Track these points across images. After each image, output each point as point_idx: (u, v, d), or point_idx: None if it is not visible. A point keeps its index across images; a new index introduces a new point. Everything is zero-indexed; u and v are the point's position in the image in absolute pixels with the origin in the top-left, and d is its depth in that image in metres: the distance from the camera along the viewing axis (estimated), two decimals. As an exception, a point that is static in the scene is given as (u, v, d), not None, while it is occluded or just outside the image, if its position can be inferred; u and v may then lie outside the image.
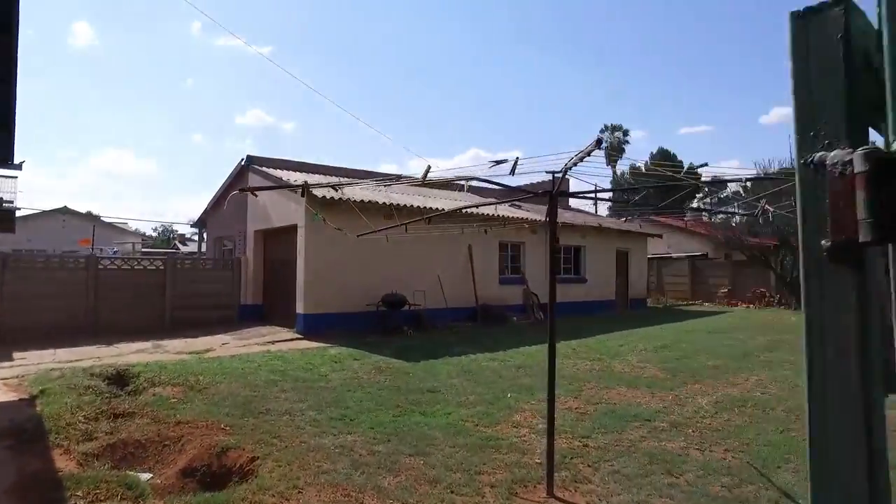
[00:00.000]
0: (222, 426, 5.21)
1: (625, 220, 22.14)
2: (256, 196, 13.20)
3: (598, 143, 2.43)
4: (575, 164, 2.86)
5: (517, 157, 2.78)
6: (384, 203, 12.24)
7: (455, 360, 9.10)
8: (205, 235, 20.20)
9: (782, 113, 70.76)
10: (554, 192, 3.42)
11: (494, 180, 3.46)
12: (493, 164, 2.81)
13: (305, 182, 3.48)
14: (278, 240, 13.99)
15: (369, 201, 11.91)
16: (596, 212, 36.37)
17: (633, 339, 11.99)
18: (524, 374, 8.15)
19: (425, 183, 3.21)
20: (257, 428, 5.20)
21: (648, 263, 23.31)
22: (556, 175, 3.39)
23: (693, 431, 5.43)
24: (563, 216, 16.10)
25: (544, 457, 4.51)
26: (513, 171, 2.82)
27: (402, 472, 4.19)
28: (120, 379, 6.77)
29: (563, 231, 17.56)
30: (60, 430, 4.78)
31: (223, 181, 16.68)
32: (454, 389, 7.03)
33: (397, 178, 3.35)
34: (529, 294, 16.46)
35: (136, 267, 13.01)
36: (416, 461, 4.45)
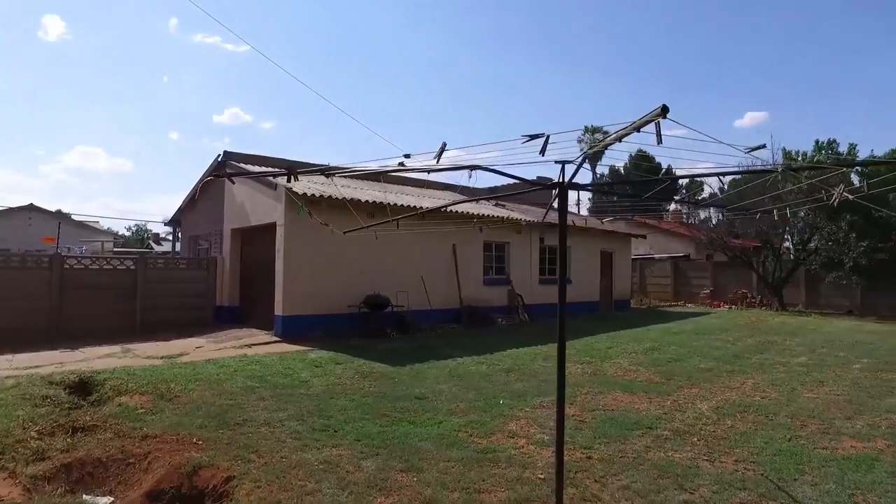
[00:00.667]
0: (194, 440, 4.76)
1: (609, 220, 22.04)
2: (234, 183, 12.68)
3: (664, 111, 2.06)
4: (619, 139, 2.50)
5: (548, 135, 2.44)
6: (367, 201, 11.84)
7: (442, 363, 8.74)
8: (179, 234, 19.49)
9: (755, 117, 72.03)
10: (564, 183, 3.08)
11: (499, 169, 3.11)
12: (526, 138, 2.46)
13: (291, 167, 3.09)
14: (256, 239, 13.47)
15: (352, 199, 11.49)
16: (578, 212, 36.41)
17: (621, 341, 11.77)
18: (515, 378, 7.83)
19: (431, 170, 2.85)
20: (233, 442, 4.77)
21: (631, 264, 23.25)
22: (565, 164, 3.05)
23: (698, 440, 5.16)
24: (550, 216, 15.85)
25: (548, 471, 4.19)
26: (543, 151, 2.47)
27: (394, 492, 3.81)
28: (83, 387, 6.23)
29: (547, 231, 17.36)
30: (8, 449, 4.27)
31: (199, 178, 16.09)
32: (443, 396, 6.67)
33: (405, 157, 2.95)
34: (514, 295, 16.19)
35: (104, 267, 12.36)
36: (409, 478, 4.07)
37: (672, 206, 34.79)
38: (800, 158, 19.35)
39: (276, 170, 9.20)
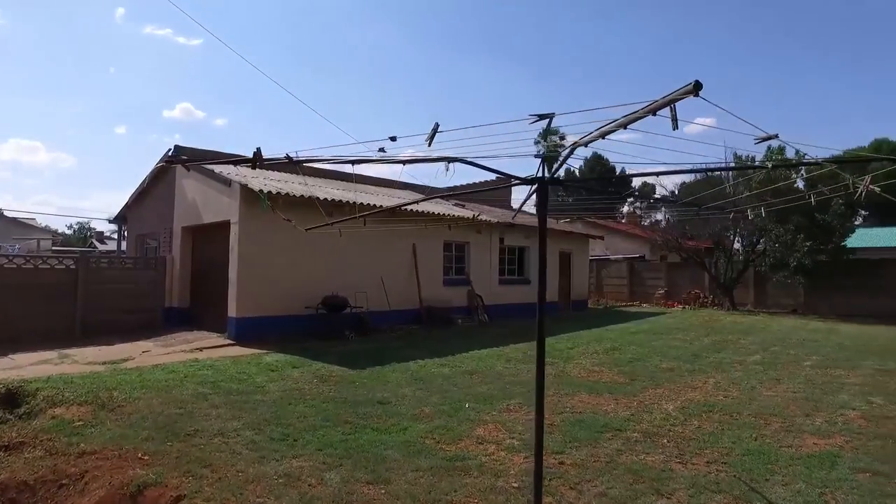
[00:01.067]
0: (139, 455, 4.37)
1: (567, 221, 22.26)
2: (189, 170, 12.04)
3: (697, 87, 1.87)
4: (625, 126, 2.34)
5: (553, 113, 2.24)
6: (328, 199, 11.46)
7: (403, 366, 8.51)
8: (125, 233, 18.50)
9: (703, 122, 74.83)
10: (545, 179, 2.92)
11: (482, 163, 2.92)
12: (535, 118, 2.25)
13: (258, 149, 2.79)
14: (209, 237, 12.86)
15: (312, 197, 11.08)
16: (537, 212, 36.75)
17: (581, 342, 11.81)
18: (479, 381, 7.68)
19: (407, 161, 2.63)
20: (183, 455, 4.40)
21: (588, 265, 23.53)
22: (545, 156, 2.89)
23: (668, 441, 5.11)
24: (510, 217, 15.84)
25: (521, 479, 4.03)
26: (545, 136, 2.28)
27: (360, 507, 3.57)
28: (10, 399, 5.68)
29: (507, 231, 17.33)
30: (-80, 471, 3.81)
31: (146, 175, 15.27)
32: (406, 400, 6.45)
33: (391, 139, 2.71)
34: (474, 296, 16.09)
35: (40, 266, 11.51)
36: (377, 490, 3.83)
37: (626, 209, 35.60)
38: (750, 162, 19.99)
39: (238, 158, 8.75)
